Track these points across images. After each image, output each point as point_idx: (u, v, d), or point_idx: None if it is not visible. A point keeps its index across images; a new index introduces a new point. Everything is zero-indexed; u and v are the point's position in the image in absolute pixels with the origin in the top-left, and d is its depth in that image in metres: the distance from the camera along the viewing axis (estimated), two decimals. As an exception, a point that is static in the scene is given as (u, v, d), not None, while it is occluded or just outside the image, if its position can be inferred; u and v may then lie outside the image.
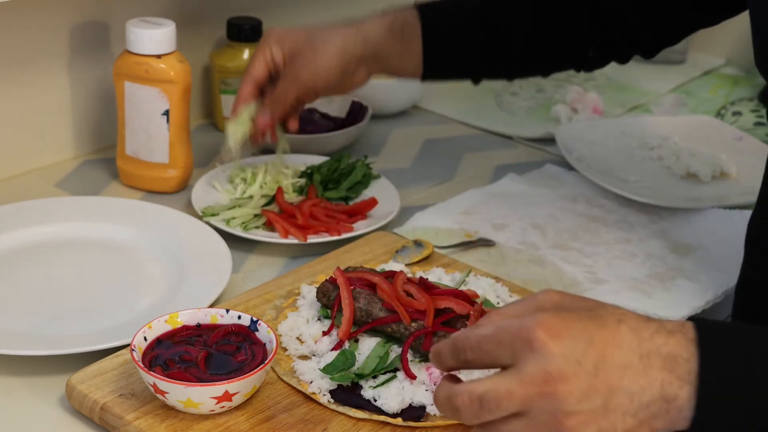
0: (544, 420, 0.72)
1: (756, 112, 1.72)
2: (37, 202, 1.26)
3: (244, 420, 0.90)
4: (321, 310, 1.03)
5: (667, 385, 0.73)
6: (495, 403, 0.72)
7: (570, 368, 0.72)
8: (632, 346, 0.73)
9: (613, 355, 0.73)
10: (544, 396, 0.71)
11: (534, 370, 0.71)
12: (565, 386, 0.71)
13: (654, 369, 0.73)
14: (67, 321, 1.06)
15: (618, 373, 0.73)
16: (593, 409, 0.72)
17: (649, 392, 0.73)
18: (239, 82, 1.51)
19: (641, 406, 0.73)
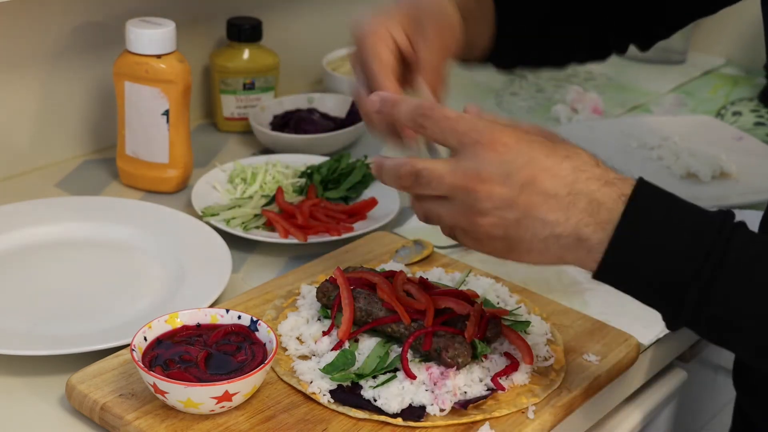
0: (462, 210, 0.82)
1: (756, 112, 1.72)
2: (37, 202, 1.26)
3: (244, 420, 0.90)
4: (321, 310, 1.03)
5: (583, 225, 0.80)
6: (427, 180, 0.83)
7: (498, 177, 0.80)
8: (566, 181, 0.81)
9: (543, 182, 0.80)
10: (467, 190, 0.81)
11: (468, 166, 0.81)
12: (488, 189, 0.81)
13: (576, 208, 0.80)
14: (67, 321, 1.06)
15: (540, 199, 0.80)
16: (506, 218, 0.81)
17: (563, 226, 0.81)
18: (239, 82, 1.52)
19: (552, 236, 0.81)
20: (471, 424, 0.91)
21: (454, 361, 0.93)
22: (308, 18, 1.71)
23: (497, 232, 0.82)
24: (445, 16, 1.03)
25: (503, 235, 0.82)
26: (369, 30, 1.01)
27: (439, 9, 1.03)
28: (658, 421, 1.21)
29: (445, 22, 1.03)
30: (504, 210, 0.81)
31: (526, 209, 0.81)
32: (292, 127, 1.49)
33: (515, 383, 0.96)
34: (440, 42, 1.02)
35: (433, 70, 1.02)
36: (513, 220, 0.82)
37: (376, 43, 1.00)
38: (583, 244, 0.81)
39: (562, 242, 0.81)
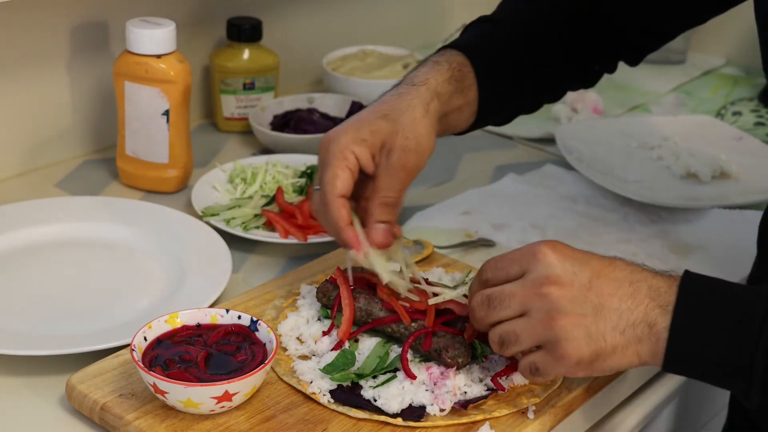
0: (540, 318, 0.84)
1: (756, 112, 1.72)
2: (37, 202, 1.26)
3: (244, 420, 0.90)
4: (321, 310, 1.03)
5: (650, 310, 0.84)
6: (499, 300, 0.87)
7: (566, 277, 0.85)
8: (624, 273, 0.85)
9: (607, 276, 0.85)
10: (541, 296, 0.84)
11: (535, 276, 0.85)
12: (560, 290, 0.84)
13: (640, 294, 0.84)
14: (67, 321, 1.06)
15: (609, 290, 0.84)
16: (583, 314, 0.84)
17: (635, 313, 0.84)
18: (239, 82, 1.52)
19: (628, 325, 0.84)
20: (471, 424, 0.91)
21: (454, 361, 0.93)
22: (308, 18, 1.71)
23: (579, 331, 0.84)
24: (417, 142, 1.00)
25: (585, 334, 0.84)
26: (336, 150, 0.98)
27: (413, 134, 1.00)
28: (658, 421, 1.21)
29: (413, 148, 1.00)
30: (579, 306, 0.84)
31: (600, 301, 0.84)
32: (292, 127, 1.49)
33: (515, 383, 0.96)
34: (403, 170, 1.00)
35: (388, 201, 1.00)
36: (590, 315, 0.84)
37: (336, 165, 0.98)
38: (653, 330, 0.84)
39: (637, 332, 0.84)
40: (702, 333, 0.82)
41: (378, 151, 0.99)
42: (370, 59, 1.69)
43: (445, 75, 1.07)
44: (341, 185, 0.97)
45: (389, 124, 1.00)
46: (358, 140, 0.98)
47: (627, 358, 0.85)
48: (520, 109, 1.22)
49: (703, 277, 0.86)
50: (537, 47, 1.17)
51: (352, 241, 0.97)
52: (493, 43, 1.15)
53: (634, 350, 0.84)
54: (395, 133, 0.99)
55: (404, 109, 1.01)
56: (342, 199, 0.97)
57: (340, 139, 0.98)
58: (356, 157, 0.98)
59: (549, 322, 0.84)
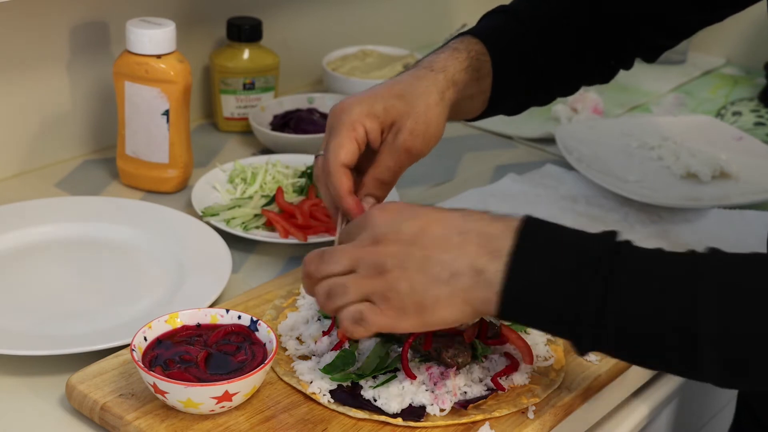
0: (365, 274, 0.85)
1: (756, 112, 1.72)
2: (37, 202, 1.26)
3: (244, 420, 0.90)
4: (321, 310, 1.03)
5: (477, 257, 0.82)
6: (329, 255, 0.88)
7: (391, 234, 0.85)
8: (455, 224, 0.84)
9: (433, 229, 0.84)
10: (367, 254, 0.85)
11: (364, 236, 0.87)
12: (385, 247, 0.85)
13: (469, 243, 0.83)
14: (67, 321, 1.06)
15: (434, 244, 0.84)
16: (406, 268, 0.84)
17: (459, 261, 0.83)
18: (239, 82, 1.52)
19: (453, 275, 0.83)
20: (471, 424, 0.91)
21: (454, 361, 0.93)
22: (308, 18, 1.70)
23: (402, 286, 0.84)
24: (426, 128, 1.02)
25: (408, 288, 0.83)
26: (347, 120, 0.99)
27: (424, 119, 1.02)
28: (658, 421, 1.21)
29: (421, 133, 1.01)
30: (403, 261, 0.84)
31: (423, 254, 0.84)
32: (292, 127, 1.49)
33: (515, 383, 0.96)
34: (406, 153, 1.02)
35: (385, 179, 1.02)
36: (413, 269, 0.84)
37: (345, 134, 0.99)
38: (481, 277, 0.82)
39: (463, 281, 0.82)
40: (536, 279, 0.81)
41: (387, 128, 1.01)
42: (370, 59, 1.69)
43: (464, 63, 1.07)
44: (345, 154, 0.98)
45: (403, 104, 1.01)
46: (371, 114, 1.00)
47: (456, 308, 0.83)
48: (532, 101, 1.21)
49: (543, 223, 0.84)
50: (553, 40, 1.16)
51: (353, 209, 0.98)
52: (510, 33, 1.14)
53: (463, 299, 0.83)
54: (407, 114, 1.01)
55: (420, 94, 1.02)
56: (345, 168, 0.99)
57: (353, 109, 1.00)
58: (365, 131, 1.00)
59: (374, 277, 0.84)
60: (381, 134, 1.01)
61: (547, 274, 0.81)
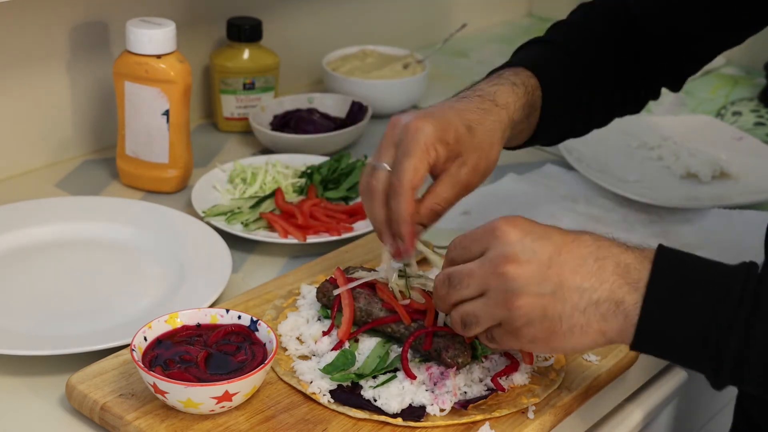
0: (497, 299, 0.82)
1: (756, 112, 1.72)
2: (37, 202, 1.26)
3: (244, 420, 0.90)
4: (321, 310, 1.03)
5: (617, 288, 0.80)
6: (458, 279, 0.85)
7: (525, 255, 0.82)
8: (589, 249, 0.82)
9: (570, 253, 0.82)
10: (498, 276, 0.82)
11: (494, 255, 0.83)
12: (518, 269, 0.81)
13: (606, 272, 0.81)
14: (67, 321, 1.06)
15: (571, 269, 0.81)
16: (542, 294, 0.81)
17: (599, 291, 0.80)
18: (239, 82, 1.52)
19: (590, 303, 0.81)
20: (471, 424, 0.91)
21: (454, 361, 0.93)
22: (308, 18, 1.70)
23: (535, 313, 0.82)
24: (487, 166, 1.01)
25: (541, 315, 0.82)
26: (422, 141, 0.96)
27: (487, 158, 1.00)
28: (658, 421, 1.21)
29: (482, 170, 1.00)
30: (537, 286, 0.81)
31: (560, 280, 0.81)
32: (292, 127, 1.49)
33: (515, 383, 0.96)
34: (465, 187, 1.00)
35: (443, 204, 0.99)
36: (549, 295, 0.81)
37: (419, 155, 0.96)
38: (620, 308, 0.80)
39: (601, 310, 0.81)
40: (675, 312, 0.79)
41: (452, 159, 0.98)
42: (370, 59, 1.69)
43: (522, 101, 1.06)
44: (418, 178, 0.96)
45: (472, 138, 0.99)
46: (443, 141, 0.97)
47: (590, 337, 0.82)
48: (569, 133, 1.20)
49: (678, 253, 0.82)
50: (594, 73, 1.15)
51: (409, 237, 0.96)
52: (557, 66, 1.13)
53: (598, 329, 0.81)
54: (474, 149, 0.99)
55: (487, 130, 1.00)
56: (413, 192, 0.96)
57: (427, 130, 0.96)
58: (436, 156, 0.97)
59: (506, 303, 0.82)
60: (445, 162, 0.98)
61: (687, 308, 0.79)
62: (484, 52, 1.97)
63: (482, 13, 2.09)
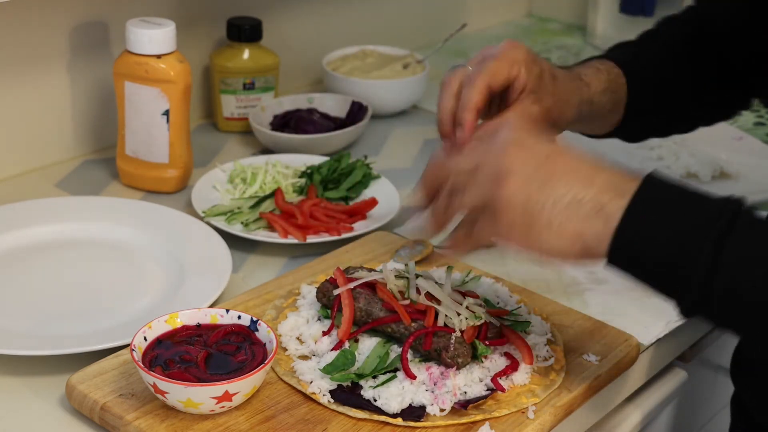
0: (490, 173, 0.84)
1: (756, 112, 1.72)
2: (37, 202, 1.26)
3: (244, 420, 0.90)
4: (321, 310, 1.03)
5: (603, 192, 0.82)
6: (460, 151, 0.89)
7: (527, 143, 0.85)
8: (587, 159, 0.85)
9: (568, 155, 0.85)
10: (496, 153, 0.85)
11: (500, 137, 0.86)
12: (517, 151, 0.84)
13: (597, 179, 0.83)
14: (67, 321, 1.06)
15: (564, 168, 0.84)
16: (531, 180, 0.83)
17: (585, 191, 0.82)
18: (239, 82, 1.52)
19: (574, 200, 0.82)
20: (471, 424, 0.91)
21: (454, 361, 0.93)
22: (308, 18, 1.70)
23: (519, 197, 0.83)
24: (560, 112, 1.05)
25: (525, 200, 0.83)
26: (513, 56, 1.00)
27: (561, 104, 1.05)
28: (658, 421, 1.21)
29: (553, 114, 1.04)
30: (529, 172, 0.83)
31: (551, 172, 0.83)
32: (292, 127, 1.49)
33: (515, 383, 0.96)
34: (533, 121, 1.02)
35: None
36: (537, 183, 0.83)
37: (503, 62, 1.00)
38: (602, 211, 0.81)
39: (584, 209, 0.82)
40: (654, 224, 0.80)
41: (528, 91, 1.02)
42: (370, 59, 1.69)
43: (603, 85, 1.11)
44: (495, 79, 0.99)
45: (554, 85, 1.04)
46: (530, 68, 1.01)
47: (566, 237, 0.82)
48: (652, 132, 1.24)
49: (669, 178, 0.84)
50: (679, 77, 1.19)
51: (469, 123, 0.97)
52: (645, 64, 1.17)
53: (575, 230, 0.82)
54: (551, 95, 1.04)
55: (569, 89, 1.07)
56: (487, 89, 0.98)
57: (522, 51, 1.01)
58: (518, 76, 1.00)
59: (496, 179, 0.84)
60: (520, 92, 1.01)
61: (666, 223, 0.80)
62: (484, 52, 1.97)
63: (482, 13, 2.09)
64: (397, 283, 0.99)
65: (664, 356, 1.14)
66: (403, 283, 1.00)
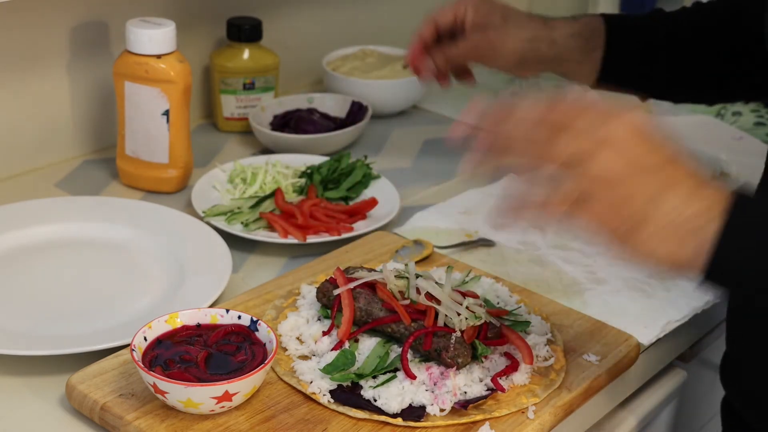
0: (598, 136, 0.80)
1: (756, 112, 1.72)
2: (37, 202, 1.26)
3: (244, 420, 0.90)
4: (321, 310, 1.03)
5: (705, 210, 0.79)
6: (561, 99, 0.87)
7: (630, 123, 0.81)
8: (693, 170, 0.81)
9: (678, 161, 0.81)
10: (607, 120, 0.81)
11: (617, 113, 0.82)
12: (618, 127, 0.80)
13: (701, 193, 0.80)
14: (67, 321, 1.06)
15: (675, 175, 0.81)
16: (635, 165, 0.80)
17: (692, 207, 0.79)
18: (239, 82, 1.52)
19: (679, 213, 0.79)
20: (471, 424, 0.91)
21: (454, 361, 0.94)
22: (308, 18, 1.70)
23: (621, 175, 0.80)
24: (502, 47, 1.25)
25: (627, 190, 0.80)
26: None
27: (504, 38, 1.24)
28: (658, 421, 1.21)
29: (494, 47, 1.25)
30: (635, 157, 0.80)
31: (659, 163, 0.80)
32: (292, 127, 1.49)
33: (515, 383, 0.96)
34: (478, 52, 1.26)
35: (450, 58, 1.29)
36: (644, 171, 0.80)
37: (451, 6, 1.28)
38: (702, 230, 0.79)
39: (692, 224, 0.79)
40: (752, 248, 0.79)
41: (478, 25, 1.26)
42: (370, 59, 1.69)
43: (572, 29, 1.25)
44: (440, 17, 1.29)
45: (502, 23, 1.24)
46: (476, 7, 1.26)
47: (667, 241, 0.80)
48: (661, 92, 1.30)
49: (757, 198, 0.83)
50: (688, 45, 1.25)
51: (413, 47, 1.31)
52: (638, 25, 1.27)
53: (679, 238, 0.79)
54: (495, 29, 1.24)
55: (519, 27, 1.24)
56: (434, 23, 1.29)
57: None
58: (464, 15, 1.27)
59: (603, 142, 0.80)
60: (471, 27, 1.25)
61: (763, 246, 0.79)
62: (484, 52, 1.97)
63: (482, 13, 2.09)
64: (397, 283, 0.99)
65: (664, 356, 1.14)
66: (403, 283, 1.00)
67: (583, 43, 1.24)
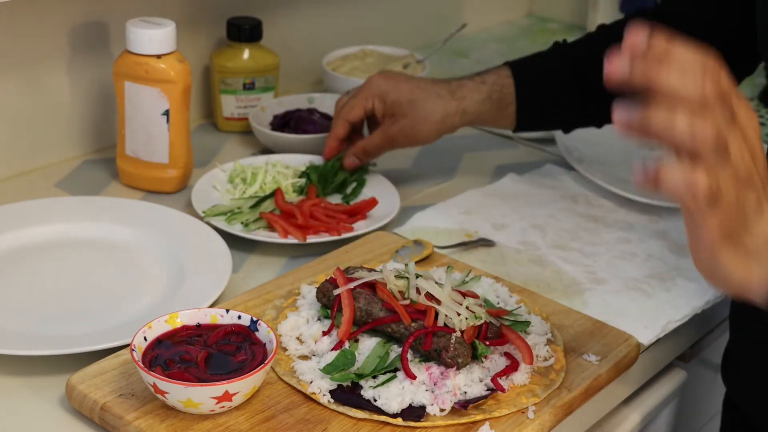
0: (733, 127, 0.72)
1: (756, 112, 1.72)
2: (37, 202, 1.26)
3: (244, 420, 0.90)
4: (321, 310, 1.03)
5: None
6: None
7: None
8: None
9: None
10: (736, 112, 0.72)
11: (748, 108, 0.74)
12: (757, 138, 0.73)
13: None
14: (67, 321, 1.06)
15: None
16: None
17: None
18: (239, 82, 1.52)
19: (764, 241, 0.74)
20: (471, 424, 0.91)
21: (454, 361, 0.94)
22: (308, 18, 1.71)
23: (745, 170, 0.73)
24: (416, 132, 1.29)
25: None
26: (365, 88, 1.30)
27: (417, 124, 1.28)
28: (658, 421, 1.21)
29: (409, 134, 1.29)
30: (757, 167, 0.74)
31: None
32: (292, 127, 1.49)
33: (515, 383, 0.96)
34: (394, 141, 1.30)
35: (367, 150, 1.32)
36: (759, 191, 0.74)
37: (359, 101, 1.30)
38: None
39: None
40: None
41: (389, 116, 1.29)
42: (370, 59, 1.69)
43: (482, 95, 1.29)
44: (352, 114, 1.31)
45: (410, 109, 1.28)
46: (383, 99, 1.29)
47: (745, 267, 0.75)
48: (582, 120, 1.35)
49: None
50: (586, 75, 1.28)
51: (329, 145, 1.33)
52: (549, 62, 1.32)
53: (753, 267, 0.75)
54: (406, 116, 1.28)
55: (429, 109, 1.27)
56: (346, 122, 1.31)
57: (378, 85, 1.30)
58: (373, 108, 1.30)
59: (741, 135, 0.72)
60: (383, 117, 1.29)
61: None
62: (484, 52, 1.97)
63: (482, 13, 2.09)
64: (397, 283, 0.99)
65: (664, 356, 1.14)
66: (403, 283, 1.00)
67: (493, 105, 1.29)
